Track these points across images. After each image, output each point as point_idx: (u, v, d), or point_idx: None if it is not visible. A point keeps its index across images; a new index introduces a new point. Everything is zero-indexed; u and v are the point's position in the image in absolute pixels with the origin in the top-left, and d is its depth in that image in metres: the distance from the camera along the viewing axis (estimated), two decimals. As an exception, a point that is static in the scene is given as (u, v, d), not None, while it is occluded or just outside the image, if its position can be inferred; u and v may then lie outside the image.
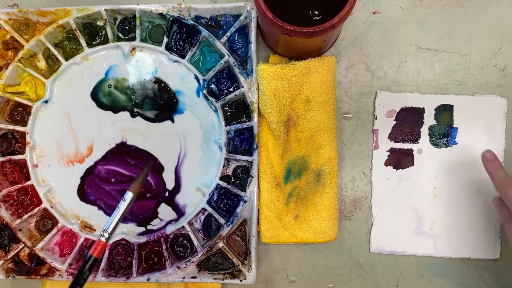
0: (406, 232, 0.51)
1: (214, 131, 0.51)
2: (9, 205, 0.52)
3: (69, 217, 0.52)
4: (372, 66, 0.52)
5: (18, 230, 0.51)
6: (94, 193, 0.52)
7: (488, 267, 0.51)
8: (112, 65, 0.52)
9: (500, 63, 0.51)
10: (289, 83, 0.48)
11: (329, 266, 0.52)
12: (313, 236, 0.49)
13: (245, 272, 0.49)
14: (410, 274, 0.51)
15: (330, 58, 0.49)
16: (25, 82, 0.52)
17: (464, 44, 0.51)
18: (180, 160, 0.52)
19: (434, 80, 0.51)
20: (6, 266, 0.51)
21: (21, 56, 0.51)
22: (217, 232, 0.50)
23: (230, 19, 0.50)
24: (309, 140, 0.50)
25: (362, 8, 0.52)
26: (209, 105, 0.51)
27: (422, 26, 0.51)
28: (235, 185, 0.50)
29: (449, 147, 0.51)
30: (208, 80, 0.50)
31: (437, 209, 0.51)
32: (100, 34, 0.52)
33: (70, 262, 0.50)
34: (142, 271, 0.50)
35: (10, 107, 0.53)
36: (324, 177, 0.49)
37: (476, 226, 0.50)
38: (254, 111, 0.49)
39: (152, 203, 0.52)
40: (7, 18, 0.51)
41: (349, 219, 0.52)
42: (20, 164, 0.52)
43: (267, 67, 0.48)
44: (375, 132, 0.51)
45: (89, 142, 0.52)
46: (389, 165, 0.51)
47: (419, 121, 0.51)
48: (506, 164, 0.50)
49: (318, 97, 0.49)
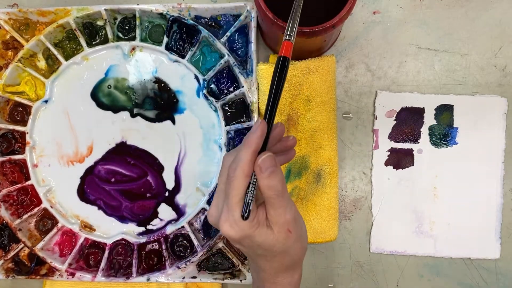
0: (406, 232, 0.51)
1: (214, 131, 0.51)
2: (9, 205, 0.52)
3: (69, 217, 0.52)
4: (372, 66, 0.52)
5: (18, 230, 0.51)
6: (94, 193, 0.52)
7: (488, 267, 0.51)
8: (112, 65, 0.52)
9: (500, 63, 0.51)
10: (289, 83, 0.48)
11: (329, 266, 0.52)
12: (313, 236, 0.49)
13: (245, 272, 0.49)
14: (410, 274, 0.51)
15: (330, 58, 0.48)
16: (25, 82, 0.52)
17: (464, 44, 0.51)
18: (180, 160, 0.51)
19: (434, 80, 0.51)
20: (6, 266, 0.51)
21: (21, 56, 0.51)
22: (217, 232, 0.50)
23: (230, 19, 0.50)
24: (309, 140, 0.50)
25: (362, 8, 0.52)
26: (209, 105, 0.51)
27: (422, 26, 0.51)
28: (235, 185, 0.50)
29: (449, 147, 0.51)
30: (208, 80, 0.50)
31: (437, 209, 0.51)
32: (100, 34, 0.52)
33: (70, 262, 0.50)
34: (142, 271, 0.50)
35: (10, 107, 0.53)
36: (324, 177, 0.49)
37: (476, 226, 0.50)
38: (254, 111, 0.49)
39: (152, 203, 0.52)
40: (7, 18, 0.51)
41: (349, 219, 0.52)
42: (20, 164, 0.52)
43: (267, 67, 0.48)
44: (375, 132, 0.51)
45: (89, 142, 0.52)
46: (389, 165, 0.51)
47: (419, 121, 0.51)
48: (506, 164, 0.50)
49: (318, 97, 0.49)
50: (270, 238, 0.34)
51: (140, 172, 0.52)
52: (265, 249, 0.34)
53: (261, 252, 0.35)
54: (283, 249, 0.35)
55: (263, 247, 0.34)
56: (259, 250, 0.35)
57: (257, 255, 0.36)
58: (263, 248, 0.34)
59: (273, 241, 0.34)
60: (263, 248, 0.34)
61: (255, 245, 0.34)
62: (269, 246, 0.34)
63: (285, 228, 0.34)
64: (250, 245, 0.34)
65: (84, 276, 0.50)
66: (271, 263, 0.36)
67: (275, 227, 0.34)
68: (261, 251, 0.35)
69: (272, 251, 0.34)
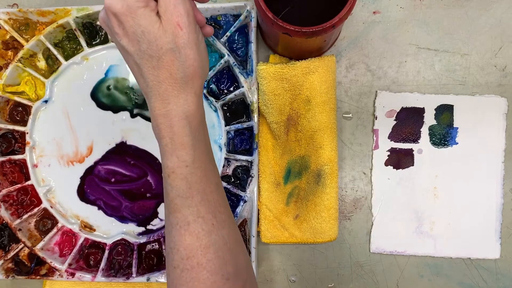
0: (406, 232, 0.51)
1: (214, 131, 0.51)
2: (9, 205, 0.52)
3: (69, 217, 0.52)
4: (372, 66, 0.52)
5: (18, 230, 0.51)
6: (94, 193, 0.52)
7: (488, 267, 0.51)
8: (112, 65, 0.52)
9: (500, 63, 0.51)
10: (289, 83, 0.48)
11: (329, 266, 0.52)
12: (313, 236, 0.49)
13: (245, 272, 0.49)
14: (410, 274, 0.51)
15: (330, 58, 0.48)
16: (25, 82, 0.52)
17: (464, 44, 0.51)
18: (180, 160, 0.51)
19: (434, 80, 0.51)
20: (6, 266, 0.51)
21: (21, 56, 0.51)
22: (217, 232, 0.50)
23: (230, 19, 0.50)
24: (309, 140, 0.50)
25: (362, 8, 0.52)
26: (209, 105, 0.51)
27: (422, 26, 0.51)
28: (235, 185, 0.50)
29: (449, 147, 0.51)
30: (208, 80, 0.50)
31: (437, 209, 0.51)
32: (100, 34, 0.52)
33: (70, 262, 0.50)
34: (142, 271, 0.50)
35: (10, 107, 0.53)
36: (324, 177, 0.49)
37: (476, 226, 0.50)
38: (254, 111, 0.49)
39: (152, 203, 0.52)
40: (7, 18, 0.51)
41: (349, 219, 0.52)
42: (20, 164, 0.52)
43: (267, 67, 0.48)
44: (375, 132, 0.51)
45: (89, 142, 0.52)
46: (389, 165, 0.51)
47: (419, 121, 0.51)
48: (506, 164, 0.50)
49: (318, 97, 0.49)
50: (155, 26, 0.31)
51: (140, 172, 0.52)
52: (150, 41, 0.31)
53: (145, 47, 0.32)
54: (170, 48, 0.31)
55: (148, 38, 0.31)
56: (143, 43, 0.31)
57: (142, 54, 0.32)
58: (148, 40, 0.31)
59: (159, 32, 0.31)
60: (148, 39, 0.31)
61: (139, 31, 0.31)
62: (154, 38, 0.31)
63: (174, 20, 0.31)
64: (133, 29, 0.31)
65: (84, 276, 0.50)
66: (158, 72, 0.32)
67: (164, 16, 0.31)
68: (146, 45, 0.31)
69: (157, 48, 0.31)
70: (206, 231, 0.33)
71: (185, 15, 0.31)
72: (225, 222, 0.35)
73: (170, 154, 0.33)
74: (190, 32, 0.32)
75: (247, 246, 0.50)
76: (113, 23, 0.32)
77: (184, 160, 0.33)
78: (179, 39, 0.32)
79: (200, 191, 0.34)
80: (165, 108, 0.33)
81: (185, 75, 0.33)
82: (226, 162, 0.50)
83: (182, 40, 0.32)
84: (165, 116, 0.33)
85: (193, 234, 0.33)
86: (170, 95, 0.33)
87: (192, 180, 0.34)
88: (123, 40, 0.32)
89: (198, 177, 0.34)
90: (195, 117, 0.34)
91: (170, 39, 0.31)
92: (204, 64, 0.34)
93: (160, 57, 0.32)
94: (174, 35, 0.31)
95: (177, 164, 0.33)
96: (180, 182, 0.33)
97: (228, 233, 0.35)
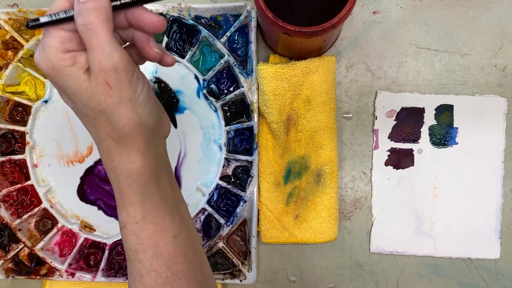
0: (406, 232, 0.51)
1: (214, 131, 0.51)
2: (9, 205, 0.52)
3: (69, 217, 0.52)
4: (372, 66, 0.52)
5: (18, 230, 0.51)
6: (94, 193, 0.52)
7: (488, 267, 0.51)
8: (112, 65, 0.52)
9: (500, 63, 0.51)
10: (289, 83, 0.48)
11: (329, 266, 0.52)
12: (313, 236, 0.49)
13: (245, 272, 0.49)
14: (410, 274, 0.51)
15: (330, 58, 0.49)
16: (25, 82, 0.52)
17: (464, 44, 0.51)
18: (180, 160, 0.51)
19: (434, 80, 0.51)
20: (6, 266, 0.51)
21: (21, 56, 0.51)
22: (217, 232, 0.50)
23: (230, 19, 0.50)
24: (309, 140, 0.50)
25: (362, 8, 0.52)
26: (209, 105, 0.51)
27: (422, 26, 0.51)
28: (235, 185, 0.50)
29: (449, 147, 0.51)
30: (208, 80, 0.50)
31: (437, 209, 0.51)
32: (100, 34, 0.52)
33: (70, 262, 0.50)
34: (142, 271, 0.50)
35: (10, 107, 0.53)
36: (324, 177, 0.49)
37: (476, 226, 0.50)
38: (254, 111, 0.49)
39: (152, 203, 0.52)
40: (7, 18, 0.51)
41: (349, 219, 0.52)
42: (20, 164, 0.52)
43: (267, 67, 0.48)
44: (375, 132, 0.51)
45: (89, 142, 0.52)
46: (389, 165, 0.51)
47: (419, 121, 0.51)
48: (506, 164, 0.50)
49: (318, 97, 0.49)
50: (83, 87, 0.28)
51: (140, 172, 0.52)
52: (81, 101, 0.29)
53: (80, 106, 0.30)
54: (102, 109, 0.29)
55: (79, 98, 0.29)
56: (77, 103, 0.30)
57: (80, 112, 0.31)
58: (79, 100, 0.29)
59: (87, 94, 0.29)
60: (79, 99, 0.29)
61: (70, 92, 0.29)
62: (84, 99, 0.29)
63: (101, 78, 0.28)
64: (64, 89, 0.29)
65: (84, 276, 0.50)
66: (97, 130, 0.31)
67: (92, 73, 0.28)
68: (80, 104, 0.29)
69: (90, 109, 0.29)
70: (160, 284, 0.33)
71: (113, 71, 0.28)
72: (181, 273, 0.33)
73: (120, 209, 0.33)
74: (122, 89, 0.29)
75: (247, 246, 0.50)
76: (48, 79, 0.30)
77: (133, 217, 0.33)
78: (109, 98, 0.29)
79: (153, 245, 0.33)
80: (110, 164, 0.32)
81: (122, 135, 0.30)
82: (226, 162, 0.50)
83: (112, 100, 0.29)
84: (112, 171, 0.32)
85: (147, 286, 0.33)
86: (114, 152, 0.31)
87: (143, 235, 0.33)
88: (62, 97, 0.31)
89: (150, 232, 0.33)
90: (142, 173, 0.32)
91: (100, 99, 0.29)
92: (148, 118, 0.31)
93: (95, 117, 0.30)
94: (104, 94, 0.29)
95: (127, 219, 0.33)
96: (131, 237, 0.33)
97: (187, 283, 0.34)
